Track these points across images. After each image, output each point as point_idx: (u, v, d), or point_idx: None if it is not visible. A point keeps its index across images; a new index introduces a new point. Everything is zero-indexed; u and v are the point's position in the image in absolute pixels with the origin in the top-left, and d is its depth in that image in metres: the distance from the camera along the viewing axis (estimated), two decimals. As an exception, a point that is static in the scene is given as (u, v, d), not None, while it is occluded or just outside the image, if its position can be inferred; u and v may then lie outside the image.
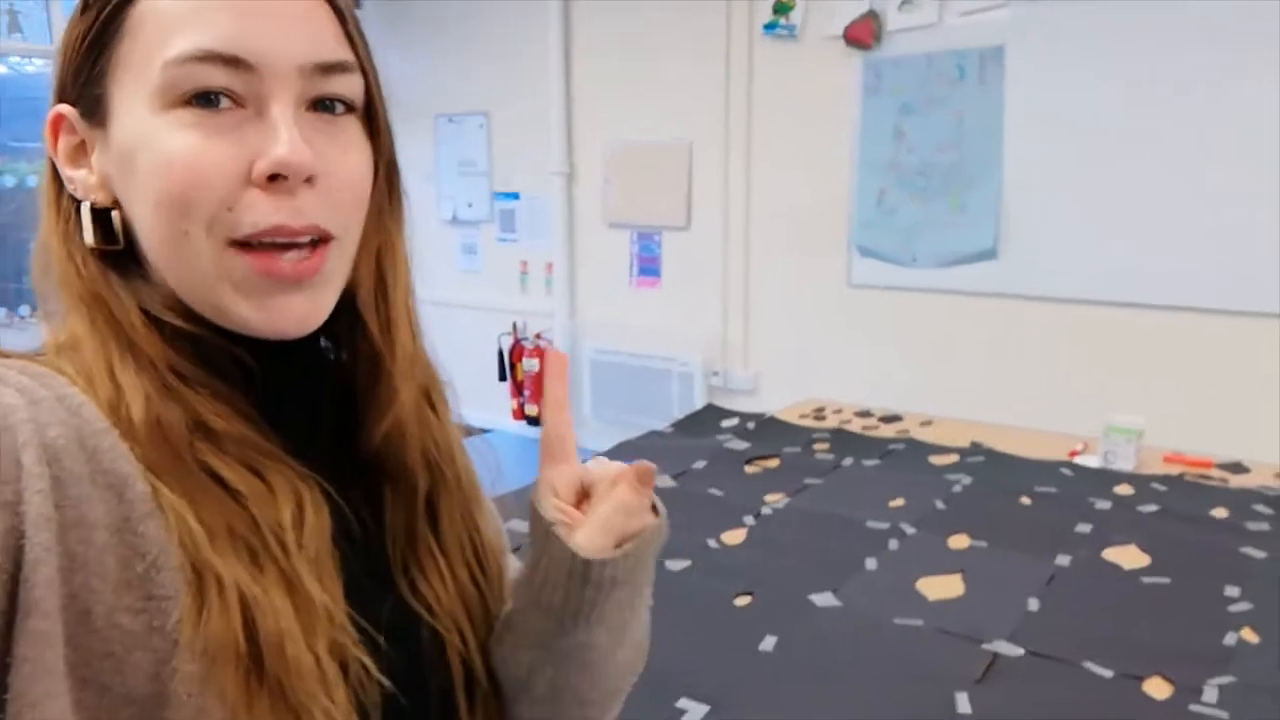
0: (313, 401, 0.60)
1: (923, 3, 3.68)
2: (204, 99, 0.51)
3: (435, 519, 0.64)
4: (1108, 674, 1.46)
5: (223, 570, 0.49)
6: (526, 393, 5.06)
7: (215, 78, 0.51)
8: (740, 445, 2.58)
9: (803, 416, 2.89)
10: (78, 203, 0.56)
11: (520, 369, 5.05)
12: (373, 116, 0.59)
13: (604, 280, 4.79)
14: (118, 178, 0.54)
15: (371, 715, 0.55)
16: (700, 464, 2.44)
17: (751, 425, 2.78)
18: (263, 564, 0.52)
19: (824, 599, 1.71)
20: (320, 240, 0.54)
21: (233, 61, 0.51)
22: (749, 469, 2.42)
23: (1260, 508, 2.13)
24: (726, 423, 2.83)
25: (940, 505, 2.16)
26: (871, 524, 2.06)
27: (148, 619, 0.47)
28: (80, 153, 0.56)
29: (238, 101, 0.52)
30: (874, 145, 3.85)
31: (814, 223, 4.07)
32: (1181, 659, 1.50)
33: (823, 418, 2.88)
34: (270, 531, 0.52)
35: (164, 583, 0.48)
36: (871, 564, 1.87)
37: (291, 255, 0.53)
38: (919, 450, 2.56)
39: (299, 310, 0.54)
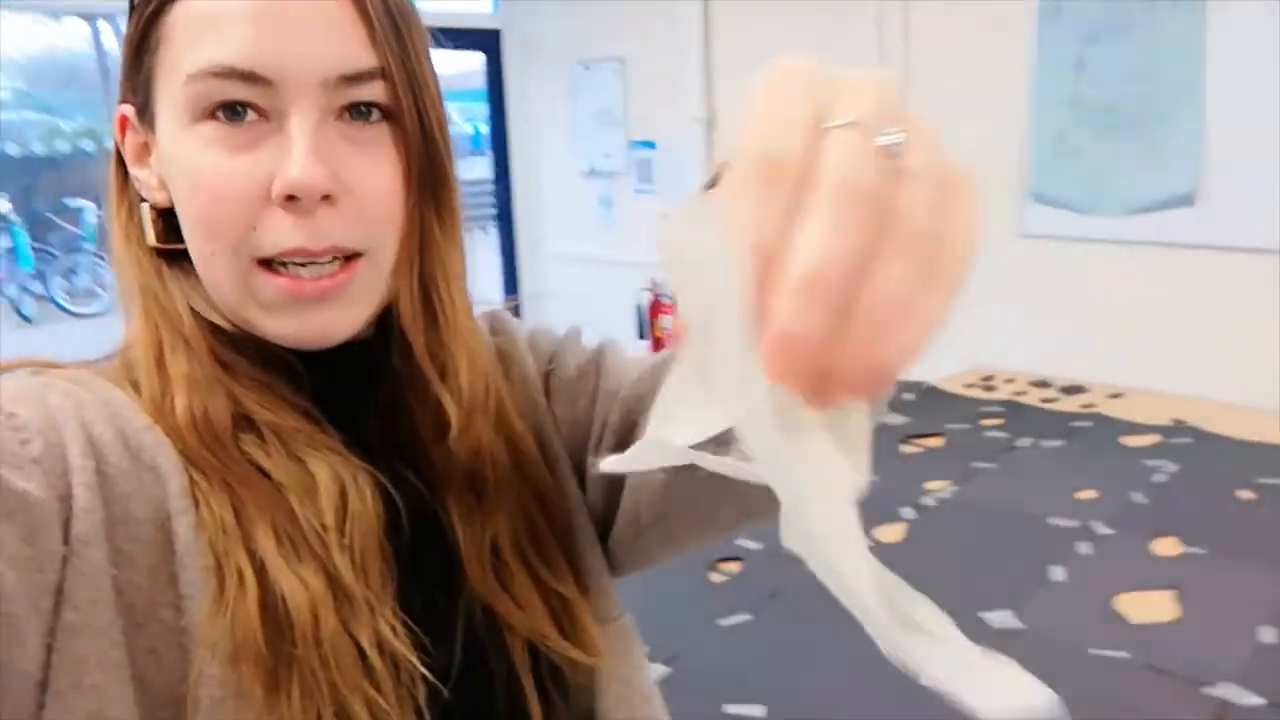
0: (366, 402, 0.59)
1: (1112, -88, 3.22)
2: (229, 110, 0.51)
3: (494, 519, 0.61)
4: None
5: (246, 562, 0.49)
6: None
7: (235, 91, 0.50)
8: (896, 419, 2.30)
9: (969, 386, 2.57)
10: (140, 199, 0.57)
11: (658, 326, 4.85)
12: (403, 123, 0.55)
13: (746, 232, 4.52)
14: (170, 184, 0.55)
15: (427, 715, 0.53)
16: (851, 442, 2.17)
17: (909, 396, 2.49)
18: (302, 554, 0.51)
19: (1001, 618, 1.44)
20: (348, 256, 0.53)
21: (250, 76, 0.50)
22: (906, 449, 2.14)
23: None
24: (881, 393, 2.54)
25: (1140, 499, 1.83)
26: (1055, 521, 1.75)
27: (181, 618, 0.48)
28: (145, 152, 0.56)
29: (262, 113, 0.51)
30: (1052, 80, 3.42)
31: (982, 166, 3.67)
32: None
33: (992, 388, 2.55)
34: (309, 522, 0.52)
35: (189, 580, 0.48)
36: (1058, 574, 1.57)
37: (312, 271, 0.52)
38: (1110, 429, 2.21)
39: (326, 324, 0.54)
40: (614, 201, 5.07)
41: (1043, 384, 2.57)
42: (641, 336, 4.96)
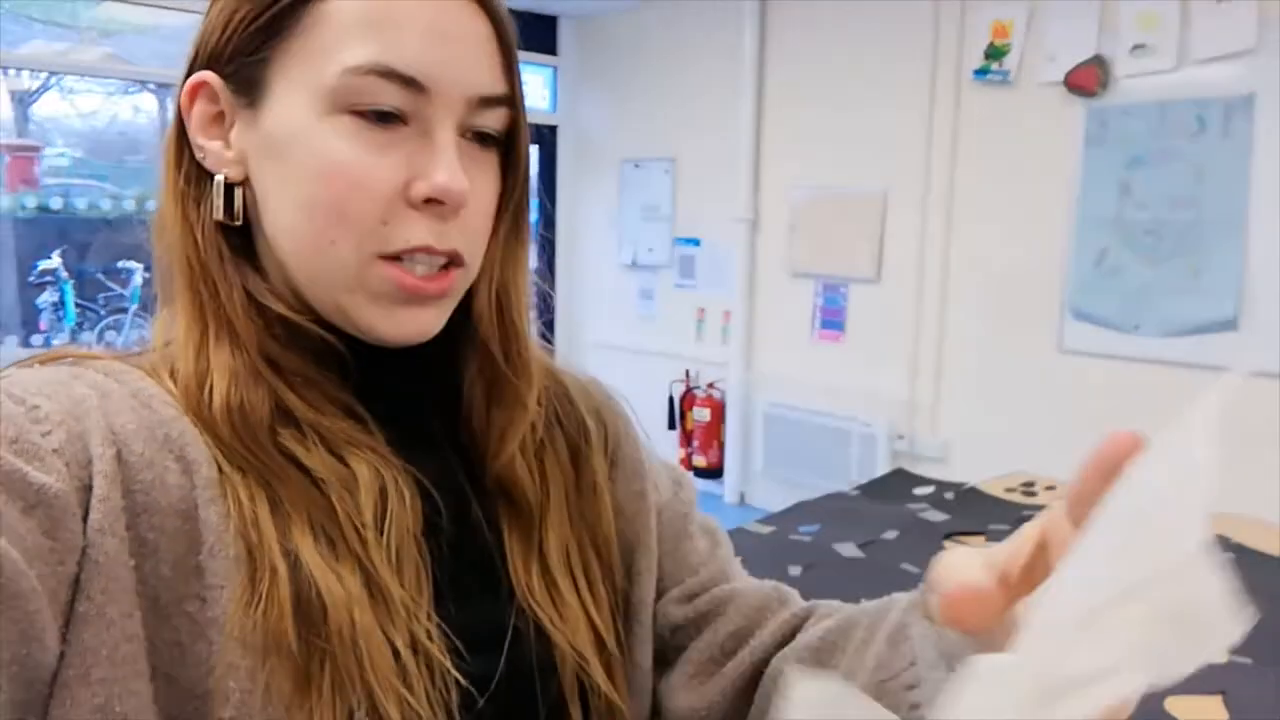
0: (416, 402, 0.60)
1: (1158, 47, 3.34)
2: (379, 111, 0.52)
3: (545, 533, 0.61)
4: None
5: (280, 556, 0.49)
6: (695, 443, 4.87)
7: (390, 95, 0.52)
8: (938, 516, 2.31)
9: (1009, 490, 2.58)
10: (199, 170, 0.56)
11: (690, 418, 4.88)
12: (515, 150, 0.59)
13: (783, 332, 4.57)
14: (258, 162, 0.54)
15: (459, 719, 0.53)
16: (892, 534, 2.18)
17: (950, 495, 2.50)
18: (339, 552, 0.51)
19: (1050, 708, 1.43)
20: (452, 263, 0.55)
21: (409, 82, 0.52)
22: (949, 544, 2.14)
23: None
24: (920, 490, 2.55)
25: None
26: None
27: (208, 609, 0.47)
28: (216, 123, 0.55)
29: (403, 117, 0.53)
30: (1096, 200, 3.51)
31: (1021, 281, 3.73)
32: None
33: (1033, 493, 2.56)
34: (348, 519, 0.52)
35: (217, 570, 0.48)
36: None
37: (423, 270, 0.54)
38: (1151, 540, 2.21)
39: (423, 323, 0.56)
40: (655, 294, 5.16)
41: (1082, 493, 2.58)
42: (671, 426, 4.99)
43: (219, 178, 0.55)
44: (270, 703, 0.47)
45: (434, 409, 0.61)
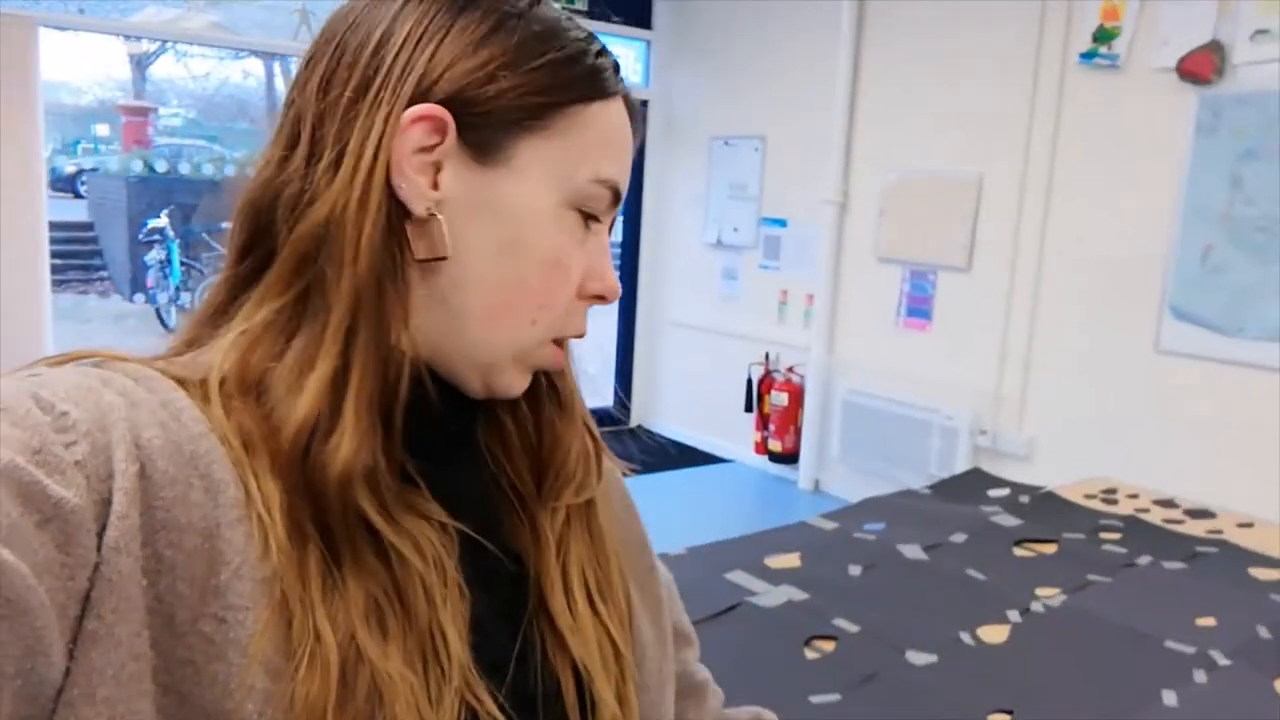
0: (448, 451, 0.60)
1: (1282, 32, 3.14)
2: (590, 217, 0.57)
3: (567, 558, 0.63)
4: None
5: (328, 625, 0.48)
6: (772, 427, 4.82)
7: (605, 204, 0.58)
8: (1010, 521, 2.23)
9: (1088, 496, 2.48)
10: (392, 198, 0.53)
11: (768, 401, 4.83)
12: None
13: (867, 317, 4.48)
14: (467, 215, 0.54)
15: None
16: (960, 537, 2.12)
17: (1025, 499, 2.41)
18: (390, 630, 0.50)
19: (1107, 736, 1.37)
20: None
21: (618, 199, 0.59)
22: (1019, 551, 2.07)
23: None
24: (995, 492, 2.47)
25: (1265, 634, 1.73)
26: (1172, 645, 1.67)
27: (227, 630, 0.46)
28: (432, 169, 0.54)
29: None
30: (1204, 193, 3.33)
31: (1120, 276, 3.58)
32: None
33: (1114, 501, 2.46)
34: (416, 593, 0.52)
35: (243, 592, 0.47)
36: (1170, 699, 1.50)
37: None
38: (1238, 558, 2.10)
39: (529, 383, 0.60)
40: (738, 274, 5.11)
41: (1168, 503, 2.46)
42: (749, 409, 4.94)
43: (440, 218, 0.53)
44: None
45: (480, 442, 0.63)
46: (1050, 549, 2.09)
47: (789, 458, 4.81)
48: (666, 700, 0.69)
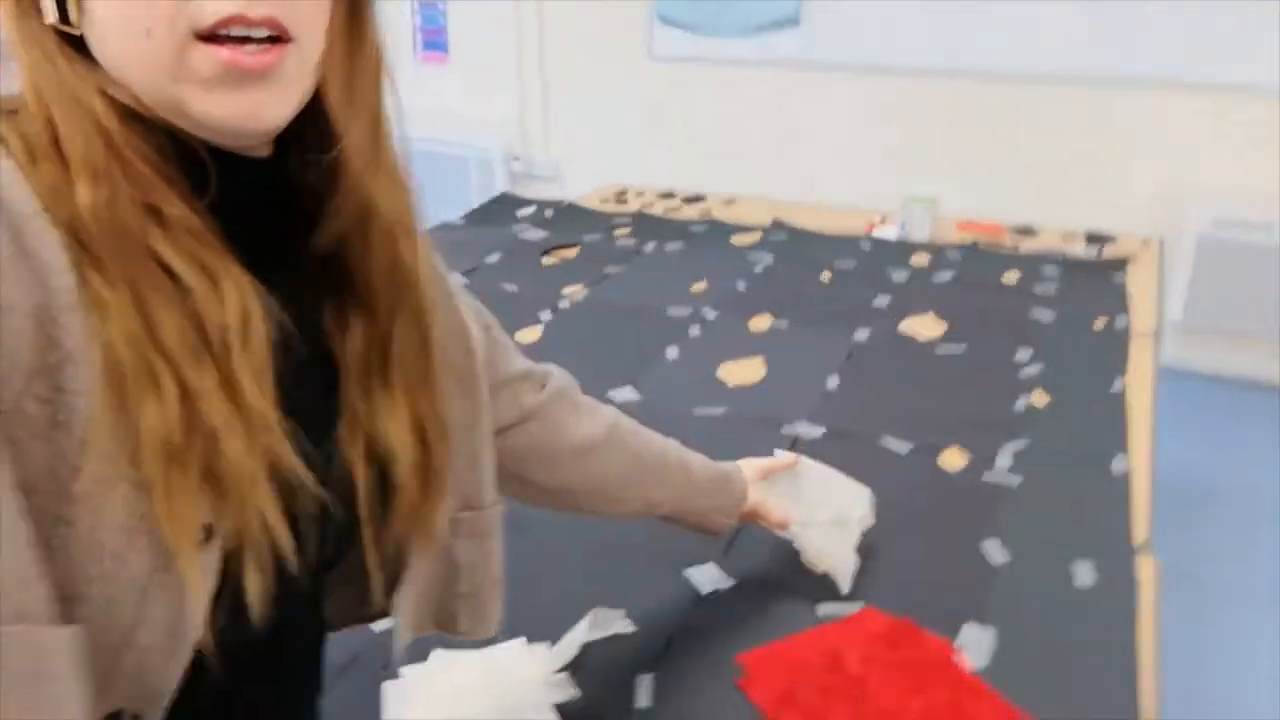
0: (270, 217, 0.60)
1: None
2: None
3: (387, 355, 0.63)
4: (905, 448, 1.45)
5: (164, 366, 0.49)
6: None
7: None
8: (537, 235, 2.42)
9: (604, 201, 2.74)
10: None
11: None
12: None
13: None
14: None
15: (302, 524, 0.56)
16: (494, 257, 2.27)
17: (549, 213, 2.61)
18: (203, 363, 0.51)
19: (622, 394, 1.62)
20: (278, 38, 0.53)
21: None
22: (546, 260, 2.27)
23: (1048, 269, 2.17)
24: (523, 212, 2.64)
25: (742, 287, 2.09)
26: (673, 311, 1.97)
27: (52, 411, 0.47)
28: None
29: None
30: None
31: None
32: (976, 427, 1.50)
33: (625, 201, 2.74)
34: (215, 332, 0.52)
35: (77, 377, 0.47)
36: (672, 353, 1.79)
37: (251, 48, 0.52)
38: (721, 231, 2.46)
39: (260, 104, 0.53)
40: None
41: (668, 195, 2.79)
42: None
43: None
44: (123, 510, 0.48)
45: (291, 224, 0.61)
46: (573, 253, 2.32)
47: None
48: (480, 479, 0.75)
